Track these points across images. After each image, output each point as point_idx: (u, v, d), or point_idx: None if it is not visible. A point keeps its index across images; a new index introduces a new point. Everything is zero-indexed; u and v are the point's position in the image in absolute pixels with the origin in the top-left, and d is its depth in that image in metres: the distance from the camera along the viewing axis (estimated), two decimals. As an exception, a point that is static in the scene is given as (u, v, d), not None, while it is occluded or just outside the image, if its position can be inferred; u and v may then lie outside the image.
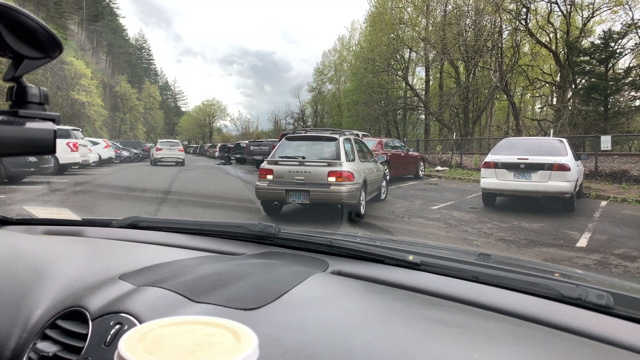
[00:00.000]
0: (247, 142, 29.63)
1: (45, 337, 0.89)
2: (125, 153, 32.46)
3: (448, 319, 0.84)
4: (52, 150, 0.57)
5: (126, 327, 0.80)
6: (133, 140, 51.95)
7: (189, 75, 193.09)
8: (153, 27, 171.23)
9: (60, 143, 17.03)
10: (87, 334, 0.83)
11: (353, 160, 7.77)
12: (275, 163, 7.65)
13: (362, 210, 7.76)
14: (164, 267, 1.10)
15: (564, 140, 9.51)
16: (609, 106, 24.37)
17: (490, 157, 9.15)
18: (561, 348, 0.74)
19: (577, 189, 8.96)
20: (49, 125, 0.57)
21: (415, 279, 1.08)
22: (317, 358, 0.68)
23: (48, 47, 0.56)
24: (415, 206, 9.38)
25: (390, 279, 1.09)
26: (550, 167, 8.26)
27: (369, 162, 8.84)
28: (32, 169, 12.93)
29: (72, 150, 17.67)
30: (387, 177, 13.21)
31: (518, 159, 8.61)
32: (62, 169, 17.56)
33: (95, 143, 25.39)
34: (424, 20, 34.92)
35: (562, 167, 8.20)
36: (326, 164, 7.35)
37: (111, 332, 0.80)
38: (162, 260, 1.18)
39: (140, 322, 0.80)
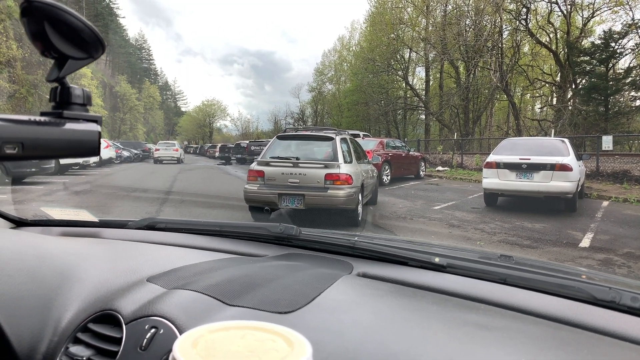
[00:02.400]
0: (247, 142, 29.65)
1: (77, 341, 0.88)
2: (125, 153, 32.38)
3: (487, 323, 0.82)
4: (96, 152, 0.56)
5: (162, 331, 0.79)
6: (133, 141, 51.94)
7: (189, 75, 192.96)
8: (153, 27, 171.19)
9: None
10: (121, 338, 0.82)
11: (350, 161, 7.21)
12: (267, 164, 7.00)
13: (360, 216, 7.24)
14: (190, 269, 1.09)
15: (566, 140, 9.51)
16: (609, 106, 24.39)
17: (492, 157, 9.15)
18: (607, 354, 0.73)
19: (578, 189, 8.96)
20: (93, 127, 0.56)
21: (443, 281, 1.07)
22: None
23: (92, 47, 0.56)
24: (417, 206, 9.38)
25: (417, 281, 1.08)
26: (553, 167, 8.26)
27: (364, 164, 8.31)
28: (33, 169, 12.90)
29: (73, 151, 17.66)
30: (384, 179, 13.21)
31: (520, 159, 8.61)
32: (63, 170, 17.55)
33: (95, 143, 25.29)
34: (424, 20, 34.95)
35: (564, 167, 8.20)
36: (323, 165, 6.80)
37: (147, 337, 0.79)
38: (184, 262, 1.17)
39: (176, 326, 0.79)
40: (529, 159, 8.51)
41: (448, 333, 0.77)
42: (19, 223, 1.72)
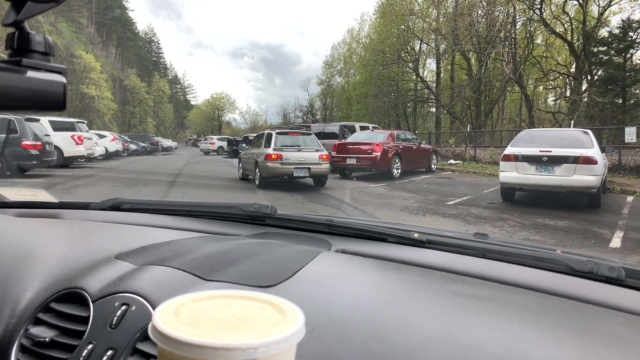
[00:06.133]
0: (255, 135, 29.31)
1: (38, 322, 0.83)
2: (132, 146, 32.29)
3: (475, 293, 0.82)
4: (62, 105, 0.50)
5: (133, 307, 0.76)
6: (141, 134, 51.83)
7: (201, 68, 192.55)
8: (164, 19, 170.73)
9: (65, 136, 16.87)
10: (88, 317, 0.78)
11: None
12: (281, 150, 10.62)
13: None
14: (162, 247, 1.03)
15: (589, 131, 8.94)
16: (627, 98, 23.68)
17: (510, 150, 8.62)
18: (595, 319, 0.74)
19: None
20: (58, 78, 0.50)
21: (423, 256, 1.05)
22: (349, 333, 0.66)
23: None
24: (430, 201, 8.89)
25: (398, 256, 1.06)
26: (576, 160, 7.71)
27: None
28: (34, 162, 12.61)
29: (77, 144, 17.48)
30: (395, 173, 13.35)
31: (540, 151, 8.07)
32: (67, 162, 17.35)
33: (101, 136, 25.22)
34: (435, 11, 34.28)
35: (589, 160, 7.65)
36: (315, 150, 11.01)
37: (117, 314, 0.75)
38: (155, 241, 1.09)
39: (150, 302, 0.76)
40: (550, 152, 7.96)
41: (438, 303, 0.77)
42: None
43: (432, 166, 16.65)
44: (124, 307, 0.75)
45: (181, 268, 0.85)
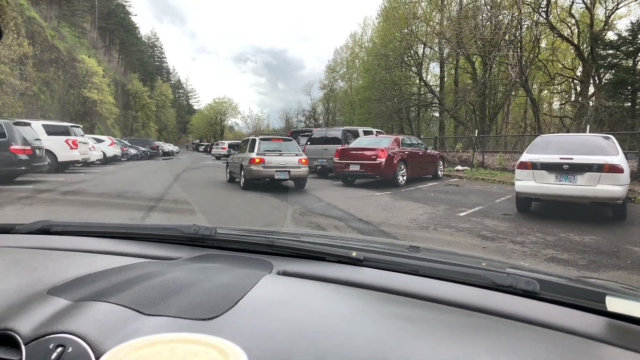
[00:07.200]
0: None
1: None
2: (132, 151, 31.76)
3: (409, 315, 0.87)
4: None
5: (70, 349, 0.71)
6: (142, 138, 51.36)
7: (204, 73, 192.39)
8: (167, 25, 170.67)
9: (59, 140, 16.40)
10: None
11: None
12: (264, 154, 11.48)
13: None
14: (98, 278, 0.99)
15: (612, 137, 8.31)
16: (636, 102, 23.02)
17: (526, 157, 7.99)
18: (511, 336, 0.78)
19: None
20: None
21: (361, 275, 1.09)
22: None
23: None
24: (440, 212, 8.26)
25: (337, 276, 1.08)
26: (600, 168, 7.07)
27: None
28: (23, 167, 12.01)
29: (72, 148, 17.01)
30: (400, 180, 13.01)
31: (560, 158, 7.44)
32: (62, 167, 16.83)
33: (99, 141, 24.73)
34: (438, 15, 33.74)
35: (614, 169, 7.02)
36: (295, 154, 11.82)
37: (52, 357, 0.70)
38: (89, 269, 1.06)
39: (88, 343, 0.71)
40: (572, 159, 7.33)
41: (376, 327, 0.79)
42: None
43: (439, 173, 16.04)
44: (59, 349, 0.70)
45: (120, 303, 0.81)
